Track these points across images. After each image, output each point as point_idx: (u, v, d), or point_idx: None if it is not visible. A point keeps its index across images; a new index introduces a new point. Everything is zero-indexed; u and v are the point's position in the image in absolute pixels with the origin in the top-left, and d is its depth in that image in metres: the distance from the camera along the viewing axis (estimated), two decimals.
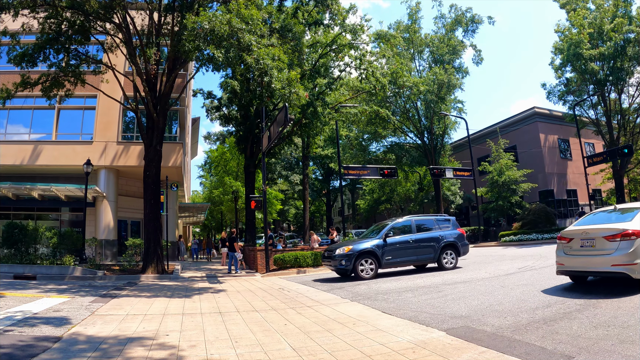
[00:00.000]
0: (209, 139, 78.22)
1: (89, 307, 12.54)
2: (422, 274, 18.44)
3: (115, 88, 29.28)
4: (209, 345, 7.90)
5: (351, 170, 38.57)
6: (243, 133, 34.58)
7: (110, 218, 33.88)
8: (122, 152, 34.20)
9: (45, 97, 25.04)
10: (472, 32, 50.06)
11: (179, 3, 23.72)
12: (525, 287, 12.43)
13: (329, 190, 77.19)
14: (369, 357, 6.83)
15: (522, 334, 7.57)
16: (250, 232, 34.36)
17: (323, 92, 33.34)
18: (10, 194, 32.58)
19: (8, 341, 8.14)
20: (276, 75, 18.01)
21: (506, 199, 42.87)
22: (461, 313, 9.71)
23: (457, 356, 6.62)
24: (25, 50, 22.96)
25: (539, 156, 50.12)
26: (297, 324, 9.59)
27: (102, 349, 7.73)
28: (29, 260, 23.67)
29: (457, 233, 20.54)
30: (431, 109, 47.59)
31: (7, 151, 33.18)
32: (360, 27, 33.93)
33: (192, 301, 13.82)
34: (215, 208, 62.85)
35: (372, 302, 12.05)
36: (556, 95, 46.28)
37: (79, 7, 21.66)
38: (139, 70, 24.40)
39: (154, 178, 24.50)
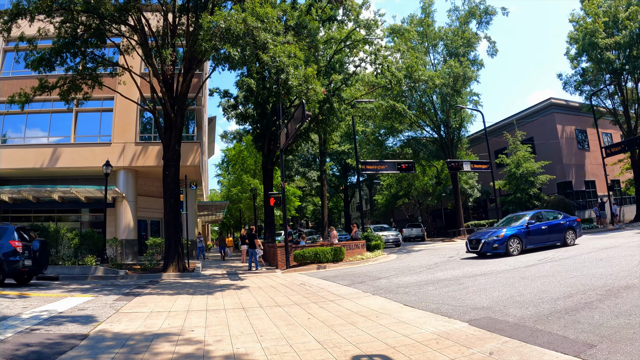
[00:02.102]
0: (226, 138, 78.44)
1: (113, 305, 12.69)
2: None
3: (132, 89, 29.51)
4: (235, 340, 8.00)
5: (368, 165, 38.57)
6: (260, 131, 34.62)
7: (130, 218, 34.10)
8: (140, 152, 34.39)
9: (63, 100, 25.26)
10: (486, 23, 49.61)
11: (193, 3, 23.85)
12: (545, 278, 12.43)
13: (347, 186, 77.16)
14: (393, 348, 6.90)
15: (544, 323, 7.60)
16: (269, 229, 34.43)
17: (339, 88, 33.30)
18: (30, 196, 32.89)
19: (36, 339, 8.28)
20: (293, 72, 18.06)
21: (524, 191, 42.60)
22: (483, 304, 9.75)
23: (481, 346, 6.67)
24: (43, 54, 23.14)
25: (557, 147, 49.77)
26: (321, 318, 9.67)
27: (129, 345, 7.85)
28: (51, 261, 23.89)
29: None
30: (447, 102, 47.37)
31: (26, 155, 33.52)
32: (374, 22, 33.81)
33: (215, 298, 13.93)
34: (233, 206, 62.99)
35: (393, 296, 12.11)
36: (572, 85, 46.06)
37: (94, 10, 21.84)
38: (155, 71, 24.53)
39: (173, 177, 24.66)
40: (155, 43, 24.88)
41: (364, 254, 27.87)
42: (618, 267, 13.00)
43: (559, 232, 22.65)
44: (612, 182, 41.83)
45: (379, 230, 43.45)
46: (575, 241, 23.05)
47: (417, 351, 6.66)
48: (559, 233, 22.63)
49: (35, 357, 7.17)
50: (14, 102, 24.15)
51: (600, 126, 43.56)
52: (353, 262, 25.43)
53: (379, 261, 26.18)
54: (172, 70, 25.00)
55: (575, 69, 45.53)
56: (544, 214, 23.53)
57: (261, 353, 7.05)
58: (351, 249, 27.68)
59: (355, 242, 29.03)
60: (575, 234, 23.14)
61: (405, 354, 6.53)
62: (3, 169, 33.49)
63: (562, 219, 23.23)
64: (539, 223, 22.45)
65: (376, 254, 28.22)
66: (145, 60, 26.19)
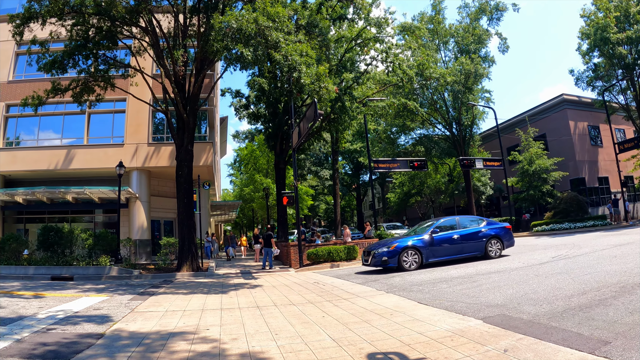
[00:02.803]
0: (238, 138, 78.50)
1: (128, 304, 12.79)
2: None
3: (144, 91, 29.64)
4: (250, 338, 8.07)
5: (381, 163, 38.53)
6: (272, 130, 34.67)
7: (144, 218, 34.25)
8: (153, 153, 34.53)
9: (76, 102, 25.42)
10: (496, 20, 49.38)
11: (204, 4, 23.91)
12: (559, 275, 12.41)
13: (359, 184, 77.06)
14: (408, 345, 6.93)
15: (559, 320, 7.61)
16: (282, 228, 34.49)
17: (350, 87, 33.27)
18: (44, 198, 33.11)
19: (52, 339, 8.38)
20: (305, 71, 18.11)
21: (537, 188, 42.40)
22: (497, 302, 9.75)
23: (495, 343, 6.69)
24: (55, 57, 23.29)
25: (569, 144, 49.54)
26: (335, 316, 9.72)
27: (145, 344, 7.94)
28: (66, 261, 24.13)
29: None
30: (459, 100, 47.24)
31: (40, 157, 33.76)
32: (384, 20, 33.77)
33: (229, 297, 13.99)
34: (246, 205, 63.16)
35: (407, 294, 12.13)
36: (584, 81, 45.84)
37: (106, 13, 21.96)
38: (167, 72, 24.63)
39: (186, 177, 24.75)
40: (167, 44, 24.98)
41: None
42: (632, 264, 12.96)
43: (478, 242, 20.01)
44: (625, 178, 41.63)
45: (392, 228, 43.45)
46: (502, 252, 20.49)
47: (431, 348, 6.69)
48: (477, 243, 20.00)
49: (52, 356, 7.26)
50: (27, 104, 24.35)
51: (613, 122, 43.26)
52: None
53: None
54: (183, 71, 25.08)
55: (587, 65, 45.33)
56: (460, 221, 20.99)
57: (277, 351, 7.12)
58: (364, 247, 27.70)
59: (369, 240, 29.04)
60: (501, 244, 20.36)
61: (420, 352, 6.56)
62: (17, 170, 33.80)
63: (485, 226, 20.69)
64: (450, 232, 19.94)
65: None
66: (157, 61, 26.28)
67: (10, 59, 36.05)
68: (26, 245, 26.20)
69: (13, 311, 11.60)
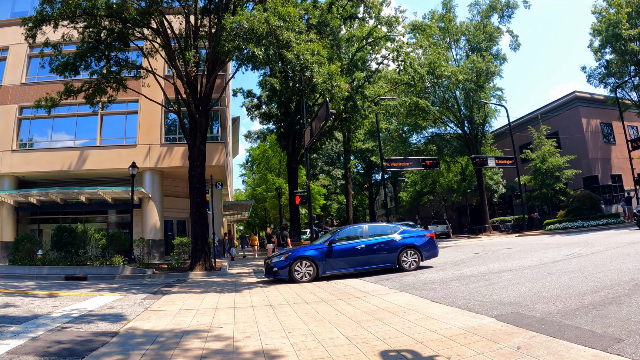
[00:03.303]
0: (250, 137, 78.75)
1: (141, 303, 12.86)
2: None
3: (156, 91, 29.78)
4: (263, 336, 8.10)
5: (393, 162, 38.58)
6: (284, 130, 34.75)
7: (157, 218, 34.40)
8: (165, 153, 34.68)
9: (88, 104, 25.58)
10: (507, 17, 49.34)
11: (215, 5, 24.00)
12: (572, 273, 12.36)
13: (371, 183, 77.19)
14: (421, 343, 6.94)
15: (572, 318, 7.58)
16: (295, 228, 34.53)
17: (362, 86, 33.31)
18: (58, 198, 33.36)
19: (67, 337, 8.45)
20: (317, 70, 18.16)
21: (550, 187, 42.28)
22: (510, 300, 9.74)
23: (508, 341, 6.69)
24: (67, 59, 23.46)
25: (582, 141, 49.36)
26: (348, 314, 9.73)
27: (159, 342, 7.99)
28: (79, 261, 24.28)
29: None
30: (470, 98, 47.17)
31: (53, 158, 34.01)
32: (395, 19, 33.74)
33: (243, 295, 14.05)
34: (259, 205, 63.30)
35: (420, 292, 12.13)
36: (597, 78, 45.68)
37: (117, 15, 22.08)
38: (179, 73, 24.72)
39: (199, 177, 24.83)
40: (178, 45, 25.07)
41: None
42: None
43: (389, 253, 18.29)
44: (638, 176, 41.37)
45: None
46: (421, 263, 18.74)
47: (444, 346, 6.69)
48: (388, 253, 18.28)
49: (67, 353, 7.31)
50: (40, 106, 24.52)
51: (625, 119, 43.11)
52: None
53: None
54: (195, 72, 25.15)
55: (599, 61, 45.17)
56: (368, 229, 19.32)
57: (290, 349, 7.14)
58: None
59: None
60: (419, 255, 18.47)
61: (433, 349, 6.57)
62: (31, 172, 34.06)
63: (401, 234, 18.88)
64: (355, 242, 18.35)
65: None
66: (168, 62, 26.39)
67: (23, 62, 36.33)
68: (40, 246, 26.36)
69: (28, 310, 11.70)
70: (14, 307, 12.28)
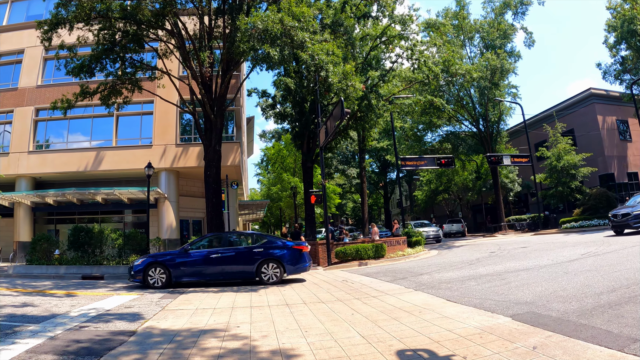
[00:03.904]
0: (264, 137, 78.90)
1: (158, 302, 12.93)
2: None
3: (171, 92, 29.93)
4: (280, 335, 8.13)
5: (408, 161, 38.53)
6: (299, 129, 34.75)
7: (173, 218, 34.58)
8: (181, 153, 34.85)
9: (104, 105, 25.89)
10: (521, 14, 49.05)
11: (229, 6, 24.10)
12: (588, 272, 12.30)
13: (386, 182, 77.03)
14: (437, 342, 6.95)
15: (588, 318, 7.56)
16: (310, 227, 34.52)
17: (376, 85, 33.25)
18: (74, 199, 33.64)
19: (85, 336, 8.52)
20: (332, 70, 18.22)
21: (566, 185, 42.02)
22: (526, 299, 9.72)
23: (524, 340, 6.68)
24: (83, 61, 23.74)
25: (598, 139, 48.97)
26: (364, 314, 9.74)
27: (176, 341, 8.04)
28: (96, 261, 24.54)
29: None
30: (485, 96, 47.03)
31: (70, 159, 34.32)
32: (409, 17, 33.62)
33: (259, 295, 14.09)
34: (274, 204, 63.34)
35: (436, 291, 12.13)
36: (612, 74, 45.43)
37: (132, 17, 22.26)
38: (194, 73, 24.85)
39: (214, 177, 24.95)
40: (193, 46, 25.23)
41: (405, 250, 27.86)
42: None
43: (248, 264, 17.60)
44: None
45: (420, 226, 43.33)
46: (286, 277, 17.97)
47: (460, 345, 6.70)
48: (246, 264, 17.63)
49: (85, 352, 7.37)
50: (56, 108, 24.76)
51: None
52: (394, 259, 25.40)
53: (420, 257, 26.17)
54: (210, 72, 25.27)
55: (615, 58, 44.92)
56: (230, 237, 19.44)
57: (306, 348, 7.17)
58: (392, 245, 27.68)
59: (396, 238, 29.05)
60: (282, 268, 17.59)
61: (449, 348, 6.58)
62: (47, 173, 34.38)
63: (264, 245, 18.32)
64: (213, 249, 18.07)
65: (417, 250, 28.20)
66: (183, 63, 26.54)
67: (39, 64, 36.69)
68: (57, 246, 26.60)
69: (46, 309, 11.80)
70: (32, 306, 12.39)
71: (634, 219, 24.24)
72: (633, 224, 24.19)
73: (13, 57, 37.94)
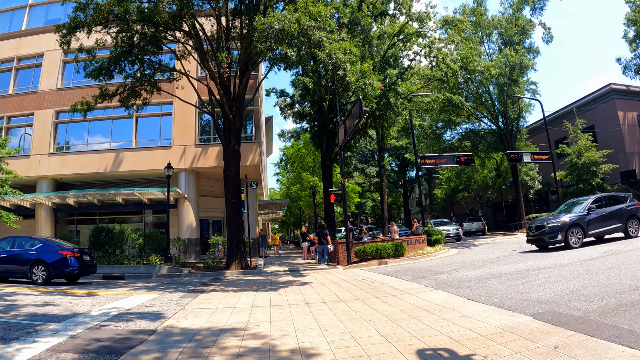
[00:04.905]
0: (283, 137, 79.16)
1: (178, 302, 13.02)
2: None
3: (189, 93, 30.07)
4: (300, 334, 8.13)
5: (427, 159, 38.35)
6: (317, 129, 34.80)
7: (192, 218, 34.72)
8: (200, 154, 34.99)
9: (123, 107, 26.11)
10: (539, 9, 48.61)
11: (245, 6, 24.16)
12: (610, 271, 12.18)
13: (405, 181, 76.98)
14: (457, 342, 6.92)
15: (610, 317, 7.48)
16: (329, 226, 34.51)
17: (394, 83, 33.20)
18: (95, 200, 33.92)
19: (106, 335, 8.61)
20: (350, 69, 18.18)
21: (586, 182, 41.56)
22: (547, 298, 9.64)
23: (545, 340, 6.63)
24: (102, 64, 23.94)
25: (619, 135, 48.43)
26: (384, 313, 9.72)
27: (196, 340, 8.08)
28: (117, 261, 24.74)
29: None
30: (504, 93, 46.76)
31: (90, 160, 34.62)
32: (426, 15, 33.48)
33: (278, 294, 14.13)
34: (293, 204, 63.43)
35: (456, 290, 12.08)
36: (632, 69, 45.02)
37: (149, 19, 22.35)
38: (212, 74, 24.95)
39: (234, 177, 25.03)
40: (210, 47, 25.36)
41: (425, 248, 27.80)
42: None
43: (22, 265, 19.00)
44: None
45: (439, 224, 43.15)
46: (54, 279, 19.04)
47: (481, 345, 6.67)
48: (22, 265, 19.01)
49: (106, 351, 7.44)
50: (76, 110, 24.93)
51: None
52: (414, 257, 25.36)
53: (440, 256, 26.09)
54: (228, 73, 25.36)
55: (635, 52, 44.49)
56: (18, 240, 20.26)
57: (326, 347, 7.17)
58: (412, 244, 27.63)
59: (416, 237, 28.98)
60: (48, 272, 18.60)
61: (469, 348, 6.55)
62: (68, 174, 34.68)
63: (37, 248, 19.26)
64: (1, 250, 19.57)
65: (437, 249, 28.12)
66: (201, 64, 26.64)
67: (58, 67, 37.03)
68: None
69: (67, 308, 11.91)
70: (53, 305, 12.52)
71: (549, 234, 20.54)
72: (548, 239, 20.50)
73: (33, 60, 38.32)
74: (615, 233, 21.39)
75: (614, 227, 21.10)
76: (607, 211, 21.12)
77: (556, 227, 20.33)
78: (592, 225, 20.67)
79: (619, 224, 21.12)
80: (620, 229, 21.16)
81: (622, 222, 21.14)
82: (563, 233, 20.08)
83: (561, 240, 20.14)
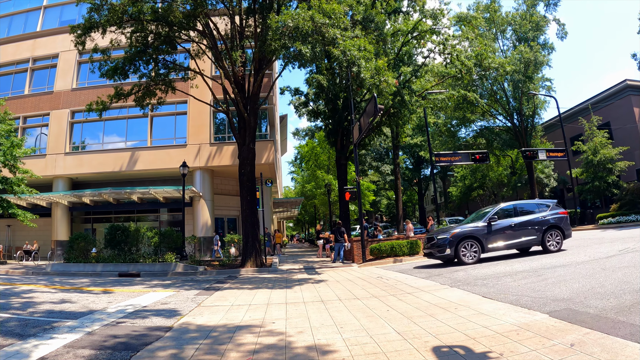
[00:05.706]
0: (298, 135, 79.12)
1: (194, 299, 13.11)
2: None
3: (204, 92, 30.18)
4: (315, 331, 8.17)
5: (442, 157, 38.27)
6: (332, 127, 34.82)
7: (208, 216, 34.87)
8: (215, 152, 35.12)
9: (138, 106, 26.25)
10: (553, 5, 48.26)
11: (259, 5, 24.21)
12: (627, 269, 12.08)
13: (420, 178, 76.82)
14: (473, 339, 6.91)
15: (626, 315, 7.43)
16: (344, 224, 34.46)
17: (409, 80, 33.11)
18: (111, 198, 34.16)
19: (123, 331, 8.71)
20: (364, 65, 18.15)
21: (602, 179, 41.25)
22: (563, 296, 9.59)
23: (562, 337, 6.61)
24: (116, 64, 24.10)
25: (635, 132, 47.98)
26: (399, 310, 9.74)
27: (212, 337, 8.14)
28: (132, 259, 24.91)
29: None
30: (519, 90, 46.51)
31: (105, 159, 34.89)
32: (440, 12, 33.40)
33: (294, 291, 14.19)
34: (308, 202, 63.49)
35: (471, 288, 12.05)
36: None
37: (163, 19, 22.49)
38: (226, 73, 25.01)
39: (249, 175, 25.10)
40: (225, 46, 25.42)
41: None
42: None
43: None
44: None
45: (455, 222, 43.04)
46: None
47: (497, 342, 6.66)
48: None
49: (122, 347, 7.51)
50: (92, 110, 25.13)
51: None
52: None
53: None
54: (242, 72, 25.42)
55: None
56: None
57: (342, 344, 7.19)
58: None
59: None
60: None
61: (485, 345, 6.54)
62: (83, 173, 34.95)
63: None
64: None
65: None
66: (215, 63, 26.75)
67: (73, 68, 37.35)
68: (94, 244, 27.06)
69: (84, 305, 12.04)
70: (70, 302, 12.64)
71: (438, 247, 18.97)
72: (437, 253, 19.03)
73: (48, 61, 38.67)
74: (533, 246, 19.53)
75: (527, 239, 19.01)
76: (516, 222, 19.03)
77: (445, 240, 18.60)
78: (493, 237, 18.69)
79: (532, 236, 18.97)
80: (535, 241, 19.03)
81: (538, 234, 18.94)
82: (453, 247, 18.34)
83: (450, 254, 18.40)
